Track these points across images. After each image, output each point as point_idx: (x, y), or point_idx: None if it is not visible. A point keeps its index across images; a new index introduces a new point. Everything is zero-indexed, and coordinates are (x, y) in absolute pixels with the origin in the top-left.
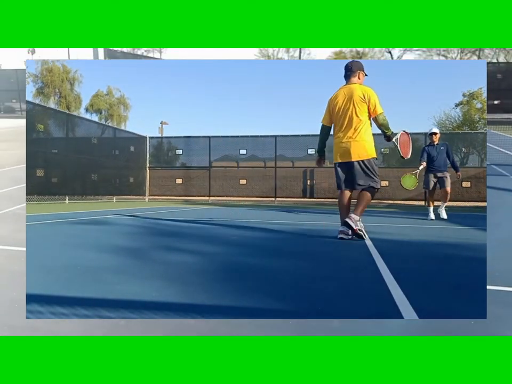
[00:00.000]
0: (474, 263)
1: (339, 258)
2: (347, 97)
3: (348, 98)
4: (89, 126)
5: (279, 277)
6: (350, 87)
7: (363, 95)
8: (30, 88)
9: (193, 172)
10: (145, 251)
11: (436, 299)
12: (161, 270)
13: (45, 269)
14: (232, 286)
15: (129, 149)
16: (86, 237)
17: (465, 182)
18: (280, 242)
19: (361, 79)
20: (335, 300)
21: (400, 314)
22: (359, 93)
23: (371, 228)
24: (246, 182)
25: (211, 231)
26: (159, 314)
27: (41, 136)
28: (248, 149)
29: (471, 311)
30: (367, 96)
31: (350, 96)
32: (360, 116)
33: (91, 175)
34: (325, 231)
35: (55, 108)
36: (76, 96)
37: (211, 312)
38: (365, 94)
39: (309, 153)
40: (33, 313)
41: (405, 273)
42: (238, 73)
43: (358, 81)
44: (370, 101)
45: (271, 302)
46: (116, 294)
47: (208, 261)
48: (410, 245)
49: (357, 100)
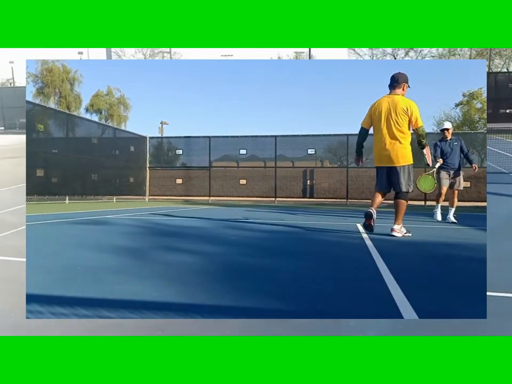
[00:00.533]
0: (474, 263)
1: (339, 258)
2: (391, 107)
3: (392, 108)
4: (89, 126)
5: (279, 277)
6: (394, 98)
7: (406, 108)
8: (30, 88)
9: (193, 171)
10: (145, 251)
11: (436, 299)
12: (161, 270)
13: (45, 269)
14: (232, 286)
15: (129, 149)
16: (86, 237)
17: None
18: (280, 242)
19: (404, 91)
20: (335, 300)
21: (400, 314)
22: (403, 106)
23: None
24: (246, 182)
25: (211, 231)
26: (159, 314)
27: (41, 136)
28: (248, 149)
29: (471, 311)
30: (410, 109)
31: (394, 107)
32: (402, 126)
33: (91, 175)
34: (325, 231)
35: (55, 108)
36: (76, 96)
37: (211, 312)
38: (408, 107)
39: (308, 153)
40: (33, 313)
41: (405, 273)
42: (238, 73)
43: (402, 92)
44: (412, 115)
45: (271, 302)
46: (116, 294)
47: (208, 261)
48: (410, 245)
49: (400, 111)
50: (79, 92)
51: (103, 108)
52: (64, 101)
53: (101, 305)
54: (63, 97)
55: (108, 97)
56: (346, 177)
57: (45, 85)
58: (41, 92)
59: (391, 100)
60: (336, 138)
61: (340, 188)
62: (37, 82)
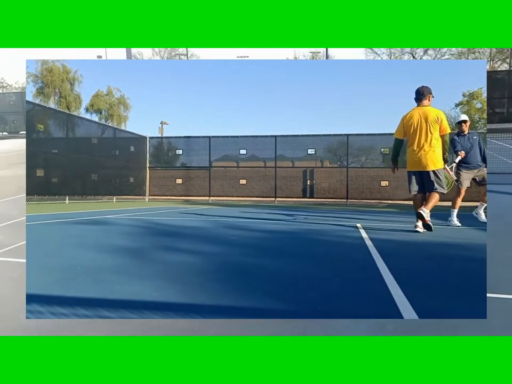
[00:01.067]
0: (474, 263)
1: (339, 258)
2: (422, 118)
3: (424, 118)
4: (89, 126)
5: (279, 277)
6: (424, 109)
7: (437, 117)
8: (30, 88)
9: (193, 171)
10: (145, 251)
11: (436, 299)
12: (161, 270)
13: (45, 269)
14: (232, 286)
15: (129, 149)
16: (86, 237)
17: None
18: (280, 242)
19: (430, 101)
20: (335, 300)
21: (400, 314)
22: (434, 116)
23: (371, 228)
24: (246, 182)
25: (211, 231)
26: (159, 314)
27: (41, 136)
28: (248, 149)
29: (471, 311)
30: (440, 118)
31: (425, 117)
32: (434, 133)
33: (91, 175)
34: (325, 231)
35: (55, 108)
36: (76, 96)
37: (211, 312)
38: (438, 117)
39: (308, 153)
40: (33, 313)
41: (405, 273)
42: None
43: (428, 103)
44: (442, 122)
45: (271, 302)
46: (116, 294)
47: (208, 261)
48: (410, 245)
49: (432, 120)
50: (79, 92)
51: (103, 108)
52: (64, 101)
53: (101, 305)
54: (63, 97)
55: (108, 97)
56: (346, 177)
57: (45, 85)
58: (41, 92)
59: (421, 111)
60: (336, 138)
61: (340, 188)
62: (37, 82)
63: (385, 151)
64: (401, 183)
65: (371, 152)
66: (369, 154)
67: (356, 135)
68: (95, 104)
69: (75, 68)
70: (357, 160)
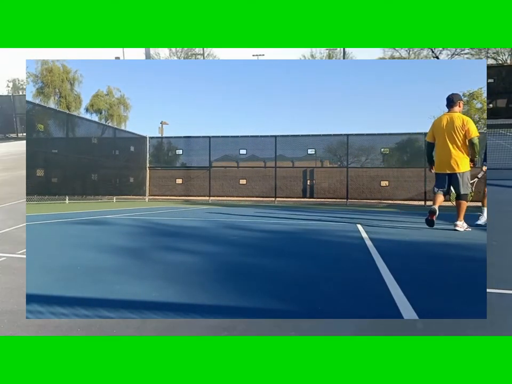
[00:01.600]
0: (474, 263)
1: (339, 258)
2: (449, 123)
3: (451, 124)
4: (89, 126)
5: (279, 277)
6: (452, 115)
7: (462, 124)
8: (30, 88)
9: (193, 171)
10: (145, 251)
11: (436, 299)
12: (161, 270)
13: (45, 269)
14: (232, 286)
15: (129, 149)
16: (86, 237)
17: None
18: (280, 242)
19: (461, 107)
20: (335, 300)
21: (400, 314)
22: (460, 122)
23: (371, 228)
24: (246, 182)
25: (211, 231)
26: (159, 314)
27: (41, 136)
28: (248, 149)
29: (471, 311)
30: (466, 124)
31: (452, 122)
32: (459, 138)
33: (91, 175)
34: (325, 231)
35: (55, 108)
36: (76, 96)
37: (211, 312)
38: (465, 122)
39: (308, 153)
40: (33, 313)
41: (405, 273)
42: (238, 73)
43: (459, 109)
44: (468, 127)
45: (271, 302)
46: (116, 294)
47: (208, 261)
48: (410, 245)
49: (458, 126)
50: (79, 92)
51: (103, 108)
52: (64, 101)
53: (101, 305)
54: (63, 97)
55: (108, 97)
56: (346, 177)
57: (45, 85)
58: (41, 92)
59: (449, 117)
60: (336, 138)
61: (340, 188)
62: (37, 82)
63: (385, 151)
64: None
65: (371, 152)
66: (369, 154)
67: (356, 135)
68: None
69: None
70: (357, 160)
